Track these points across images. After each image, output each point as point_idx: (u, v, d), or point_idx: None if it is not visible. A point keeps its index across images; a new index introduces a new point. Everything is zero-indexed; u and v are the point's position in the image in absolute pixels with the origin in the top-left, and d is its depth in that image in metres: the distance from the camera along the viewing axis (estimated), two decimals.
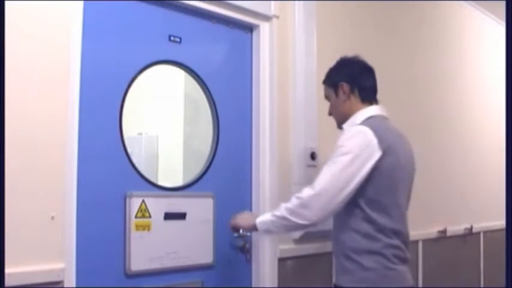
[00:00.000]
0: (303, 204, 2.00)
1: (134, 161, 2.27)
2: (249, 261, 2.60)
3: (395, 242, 2.03)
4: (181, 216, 2.35)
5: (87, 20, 2.09)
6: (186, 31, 2.49)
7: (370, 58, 3.47)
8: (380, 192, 2.01)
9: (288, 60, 2.91)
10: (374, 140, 1.97)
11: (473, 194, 4.50)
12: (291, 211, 2.02)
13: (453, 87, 4.42)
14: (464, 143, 4.47)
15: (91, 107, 2.09)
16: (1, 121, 1.73)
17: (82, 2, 2.07)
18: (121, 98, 2.23)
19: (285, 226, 2.07)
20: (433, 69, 4.15)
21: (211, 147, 2.58)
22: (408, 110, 3.83)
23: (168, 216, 2.30)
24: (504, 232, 2.92)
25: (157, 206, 2.26)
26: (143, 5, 2.34)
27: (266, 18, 2.81)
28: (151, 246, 2.23)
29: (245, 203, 2.67)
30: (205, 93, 2.59)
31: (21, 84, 1.87)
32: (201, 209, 2.43)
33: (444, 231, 4.03)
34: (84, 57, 2.06)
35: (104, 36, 2.18)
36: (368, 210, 2.00)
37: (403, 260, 2.06)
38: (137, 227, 2.19)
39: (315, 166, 2.92)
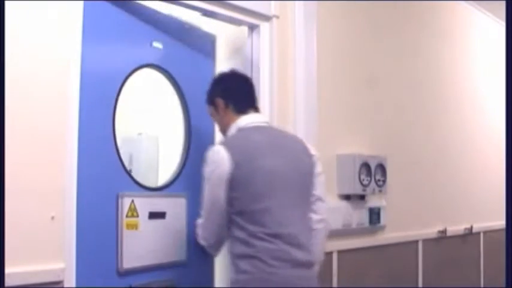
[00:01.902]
0: (198, 226, 2.22)
1: (134, 161, 2.27)
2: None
3: (274, 245, 2.04)
4: (162, 215, 2.38)
5: (87, 20, 2.09)
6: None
7: (370, 58, 3.50)
8: (245, 202, 2.06)
9: (288, 60, 2.91)
10: (225, 156, 2.03)
11: (473, 194, 4.50)
12: (197, 231, 2.24)
13: (453, 87, 4.41)
14: (464, 142, 4.47)
15: (89, 108, 2.09)
16: (1, 121, 1.73)
17: (82, 2, 2.07)
18: (114, 100, 2.24)
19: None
20: (433, 69, 4.15)
21: (183, 148, 2.58)
22: (408, 110, 3.83)
23: (152, 215, 2.33)
24: (504, 232, 2.92)
25: (144, 205, 2.29)
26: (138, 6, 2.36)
27: (266, 18, 2.81)
28: (139, 245, 2.27)
29: None
30: (177, 94, 2.59)
31: (21, 84, 1.87)
32: (177, 209, 2.46)
33: (444, 231, 4.03)
34: (83, 58, 2.06)
35: (103, 36, 2.20)
36: (239, 220, 2.06)
37: (291, 263, 2.06)
38: (127, 226, 2.22)
39: None
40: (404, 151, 3.72)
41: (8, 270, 1.67)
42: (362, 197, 3.23)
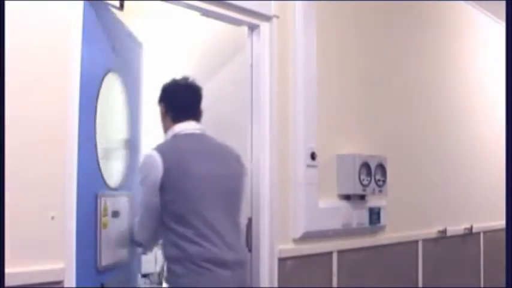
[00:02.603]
0: (135, 225, 2.32)
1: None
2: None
3: (204, 247, 2.12)
4: (118, 214, 2.39)
5: (87, 21, 2.09)
6: None
7: (369, 58, 3.50)
8: (177, 205, 2.15)
9: (288, 60, 2.91)
10: (158, 160, 2.14)
11: (473, 194, 4.50)
12: (133, 229, 2.34)
13: (453, 87, 4.41)
14: (464, 143, 4.47)
15: (89, 107, 2.11)
16: (1, 121, 1.73)
17: (82, 2, 2.07)
18: (95, 102, 2.22)
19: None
20: (433, 69, 4.15)
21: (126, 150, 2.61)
22: (408, 110, 3.83)
23: (114, 214, 2.34)
24: (504, 232, 2.92)
25: (110, 205, 2.30)
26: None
27: (266, 18, 2.81)
28: (107, 243, 2.28)
29: None
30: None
31: (21, 84, 1.87)
32: (127, 208, 2.47)
33: (444, 231, 4.04)
34: (83, 58, 2.06)
35: (102, 36, 2.20)
36: (171, 223, 2.15)
37: (221, 264, 2.13)
38: (103, 225, 2.24)
39: (315, 166, 2.92)
40: (404, 151, 3.72)
41: (8, 270, 1.67)
42: (362, 197, 3.23)
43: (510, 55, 2.99)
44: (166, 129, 2.35)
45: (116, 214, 2.34)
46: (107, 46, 2.34)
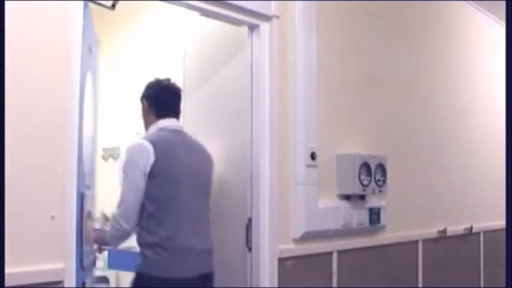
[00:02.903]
0: (114, 217, 2.36)
1: None
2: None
3: (178, 235, 2.30)
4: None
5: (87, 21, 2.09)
6: None
7: (369, 57, 3.50)
8: (161, 190, 2.31)
9: (288, 60, 2.91)
10: (150, 148, 2.31)
11: (473, 194, 4.50)
12: (111, 224, 2.40)
13: (453, 87, 4.41)
14: (464, 143, 4.47)
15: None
16: (1, 121, 1.73)
17: (82, 2, 2.07)
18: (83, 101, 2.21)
19: (112, 236, 2.40)
20: (433, 69, 4.15)
21: None
22: (408, 110, 3.83)
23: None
24: (504, 232, 2.92)
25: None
26: None
27: (266, 18, 2.81)
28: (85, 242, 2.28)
29: None
30: None
31: (21, 84, 1.87)
32: None
33: (444, 231, 4.04)
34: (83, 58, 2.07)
35: None
36: (150, 207, 2.29)
37: (192, 251, 2.33)
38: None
39: (315, 166, 2.92)
40: (404, 151, 3.72)
41: (8, 270, 1.67)
42: (362, 197, 3.23)
43: (510, 55, 2.99)
44: (148, 123, 2.54)
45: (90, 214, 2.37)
46: (85, 44, 2.33)
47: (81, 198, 2.15)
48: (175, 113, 2.54)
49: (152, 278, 2.24)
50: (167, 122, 2.49)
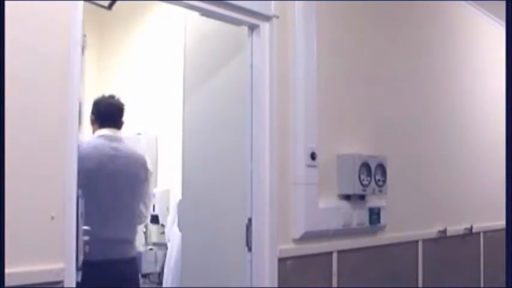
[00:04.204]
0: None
1: None
2: None
3: (106, 226, 2.75)
4: None
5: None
6: None
7: (369, 58, 3.50)
8: (83, 188, 2.36)
9: (288, 60, 2.90)
10: (83, 151, 2.55)
11: (473, 194, 4.50)
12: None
13: (454, 87, 4.41)
14: (464, 142, 4.47)
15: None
16: (1, 121, 1.73)
17: (82, 2, 2.07)
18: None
19: None
20: (433, 69, 4.15)
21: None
22: (408, 110, 3.83)
23: None
24: (504, 232, 2.92)
25: None
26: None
27: (266, 18, 2.81)
28: None
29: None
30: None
31: (21, 84, 1.86)
32: None
33: (444, 231, 4.03)
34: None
35: None
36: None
37: (114, 241, 2.82)
38: None
39: (315, 166, 2.92)
40: (404, 151, 3.72)
41: (8, 270, 1.67)
42: (362, 197, 3.23)
43: (510, 55, 2.99)
44: (94, 131, 3.01)
45: None
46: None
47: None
48: (116, 124, 3.01)
49: (87, 261, 2.30)
50: (106, 131, 2.96)
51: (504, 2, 3.27)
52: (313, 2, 3.00)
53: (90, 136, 3.05)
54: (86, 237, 2.17)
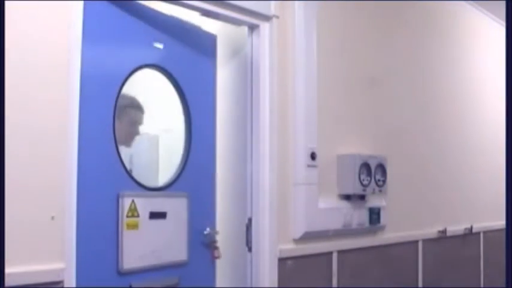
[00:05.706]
0: None
1: (134, 161, 2.27)
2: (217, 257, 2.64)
3: None
4: (163, 215, 2.40)
5: (87, 20, 2.09)
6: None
7: (369, 58, 3.50)
8: None
9: (288, 60, 2.91)
10: None
11: (473, 194, 4.50)
12: None
13: (454, 87, 4.41)
14: (464, 142, 4.47)
15: (90, 108, 2.10)
16: (1, 121, 1.73)
17: (82, 2, 2.07)
18: (114, 100, 2.24)
19: None
20: (433, 69, 4.15)
21: (184, 148, 2.59)
22: (408, 110, 3.83)
23: (153, 215, 2.35)
24: (504, 232, 2.92)
25: (144, 205, 2.31)
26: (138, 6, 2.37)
27: (266, 18, 2.81)
28: (139, 245, 2.27)
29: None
30: (178, 94, 2.59)
31: (21, 84, 1.87)
32: (179, 208, 2.48)
33: (444, 231, 4.04)
34: (83, 58, 2.06)
35: (103, 36, 2.20)
36: None
37: None
38: (128, 226, 2.23)
39: (315, 166, 2.92)
40: (404, 151, 3.72)
41: (8, 270, 1.67)
42: (362, 197, 3.23)
43: (510, 55, 3.00)
44: None
45: (157, 215, 2.35)
46: (140, 42, 2.37)
47: (116, 199, 2.18)
48: None
49: None
50: None
51: (504, 2, 3.28)
52: (313, 2, 3.01)
53: None
54: None
